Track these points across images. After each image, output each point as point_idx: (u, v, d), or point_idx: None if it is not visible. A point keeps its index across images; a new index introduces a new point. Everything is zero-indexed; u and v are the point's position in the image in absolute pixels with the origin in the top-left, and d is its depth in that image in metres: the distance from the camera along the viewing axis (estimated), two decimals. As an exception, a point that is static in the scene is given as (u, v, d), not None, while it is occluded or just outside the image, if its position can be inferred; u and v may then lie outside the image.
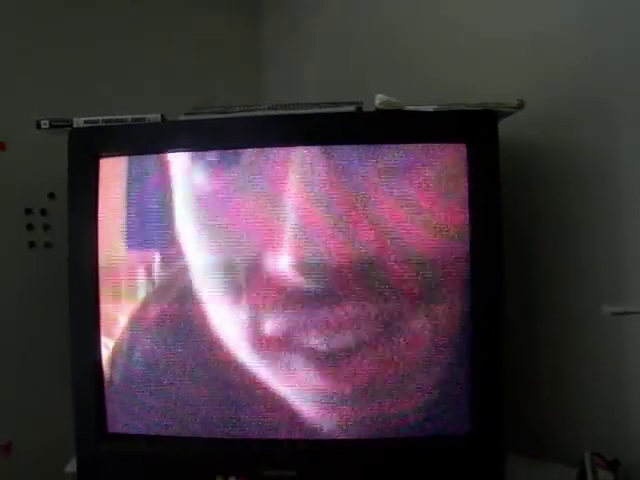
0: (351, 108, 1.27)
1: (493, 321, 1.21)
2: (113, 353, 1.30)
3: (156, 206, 1.27)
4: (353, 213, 1.22)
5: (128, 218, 1.29)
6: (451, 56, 1.51)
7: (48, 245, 1.54)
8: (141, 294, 1.29)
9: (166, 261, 1.28)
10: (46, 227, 1.55)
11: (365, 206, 1.22)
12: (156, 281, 1.28)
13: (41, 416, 1.48)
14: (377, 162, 1.22)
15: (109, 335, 1.29)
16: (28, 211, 1.54)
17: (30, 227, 1.54)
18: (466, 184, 1.21)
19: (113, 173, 1.29)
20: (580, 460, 1.18)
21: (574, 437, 1.33)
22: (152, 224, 1.28)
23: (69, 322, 1.29)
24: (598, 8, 1.30)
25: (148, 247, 1.28)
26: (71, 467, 1.31)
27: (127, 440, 1.29)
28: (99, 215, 1.28)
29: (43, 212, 1.55)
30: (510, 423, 1.23)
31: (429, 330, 1.22)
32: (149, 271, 1.28)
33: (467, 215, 1.21)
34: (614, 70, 1.28)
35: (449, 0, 1.54)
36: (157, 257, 1.28)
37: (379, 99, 1.25)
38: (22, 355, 1.49)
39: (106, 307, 1.29)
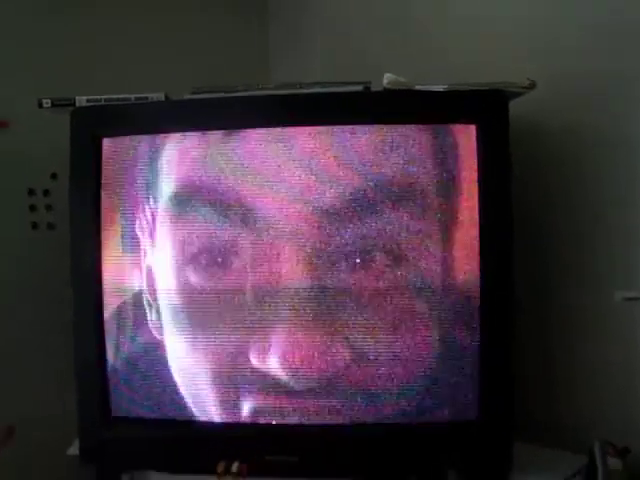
0: (359, 88, 1.24)
1: (503, 307, 1.19)
2: (117, 336, 1.28)
3: (159, 185, 1.25)
4: (359, 192, 1.19)
5: (131, 198, 1.26)
6: (461, 36, 1.47)
7: (51, 226, 1.53)
8: (143, 277, 1.27)
9: (170, 242, 1.25)
10: (49, 208, 1.53)
11: (372, 186, 1.19)
12: (159, 263, 1.26)
13: (43, 400, 1.47)
14: (385, 142, 1.19)
15: (112, 318, 1.28)
16: (31, 192, 1.52)
17: (33, 208, 1.52)
18: (476, 165, 1.18)
19: (115, 153, 1.27)
20: (590, 448, 1.15)
21: (585, 425, 1.31)
22: (155, 205, 1.26)
23: (72, 304, 1.28)
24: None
25: (150, 228, 1.26)
26: (74, 450, 1.31)
27: (130, 424, 1.28)
28: (102, 195, 1.26)
29: (46, 193, 1.53)
30: (520, 411, 1.21)
31: (438, 316, 1.20)
32: (152, 253, 1.26)
33: (477, 197, 1.18)
34: (628, 44, 1.24)
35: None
36: (160, 238, 1.26)
37: (387, 78, 1.23)
38: (26, 338, 1.48)
39: (109, 289, 1.27)
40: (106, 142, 1.27)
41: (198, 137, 1.24)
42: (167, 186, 1.25)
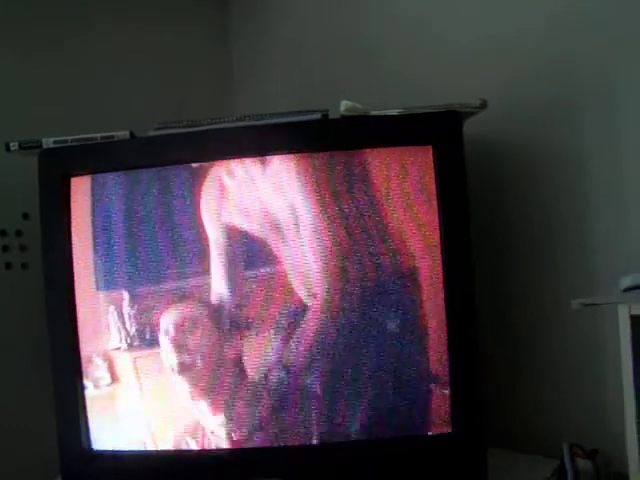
0: (317, 116, 1.28)
1: (467, 320, 1.22)
2: (95, 371, 1.30)
3: (128, 224, 1.28)
4: (323, 220, 1.23)
5: (101, 237, 1.29)
6: (417, 60, 1.52)
7: (25, 266, 1.54)
8: (118, 313, 1.29)
9: (141, 279, 1.29)
10: (22, 248, 1.55)
11: (335, 212, 1.23)
12: (131, 299, 1.28)
13: (24, 438, 1.48)
14: (344, 168, 1.23)
15: (89, 352, 1.30)
16: (3, 233, 1.54)
17: (5, 249, 1.54)
18: (434, 185, 1.22)
19: (85, 192, 1.30)
20: (560, 451, 1.19)
21: (553, 429, 1.34)
22: (125, 242, 1.28)
23: (49, 341, 1.30)
24: (563, 10, 1.31)
25: (122, 266, 1.29)
26: (57, 486, 1.32)
27: (112, 457, 1.30)
28: (72, 235, 1.29)
29: (18, 233, 1.55)
30: (490, 418, 1.24)
31: (406, 332, 1.23)
32: (124, 290, 1.29)
33: (437, 217, 1.22)
34: (578, 69, 1.30)
35: (414, 4, 1.55)
36: (132, 275, 1.29)
37: (344, 105, 1.27)
38: (2, 377, 1.49)
39: (84, 327, 1.29)
40: (75, 181, 1.30)
41: (164, 172, 1.28)
42: (138, 221, 1.28)
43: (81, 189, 1.30)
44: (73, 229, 1.29)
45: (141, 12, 1.76)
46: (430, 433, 1.24)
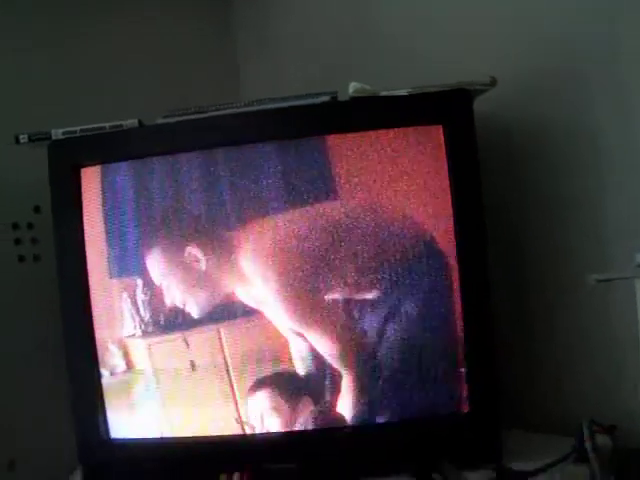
0: (326, 98, 1.27)
1: (482, 299, 1.22)
2: (110, 359, 1.30)
3: (139, 212, 1.29)
4: (337, 202, 1.23)
5: (113, 225, 1.30)
6: (424, 39, 1.50)
7: (37, 258, 1.55)
8: (131, 300, 1.29)
9: (152, 267, 1.28)
10: (34, 241, 1.55)
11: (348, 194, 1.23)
12: (144, 286, 1.29)
13: (42, 429, 1.48)
14: (355, 150, 1.22)
15: (105, 340, 1.30)
16: (15, 226, 1.54)
17: (18, 242, 1.54)
18: (445, 164, 1.22)
19: (95, 182, 1.30)
20: (578, 428, 1.18)
21: (570, 409, 1.33)
22: (137, 229, 1.29)
23: (63, 333, 1.30)
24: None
25: (134, 253, 1.29)
26: (76, 477, 1.32)
27: (130, 445, 1.30)
28: (84, 224, 1.29)
29: (30, 226, 1.55)
30: (507, 400, 1.24)
31: (422, 316, 1.23)
32: (137, 277, 1.29)
33: (449, 196, 1.21)
34: (584, 40, 1.28)
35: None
36: (144, 263, 1.29)
37: (353, 87, 1.26)
38: (18, 369, 1.49)
39: (99, 316, 1.30)
40: (85, 172, 1.30)
41: (173, 160, 1.28)
42: (149, 210, 1.28)
43: (91, 179, 1.30)
44: (85, 218, 1.29)
45: (141, 10, 1.76)
46: (447, 412, 1.24)
